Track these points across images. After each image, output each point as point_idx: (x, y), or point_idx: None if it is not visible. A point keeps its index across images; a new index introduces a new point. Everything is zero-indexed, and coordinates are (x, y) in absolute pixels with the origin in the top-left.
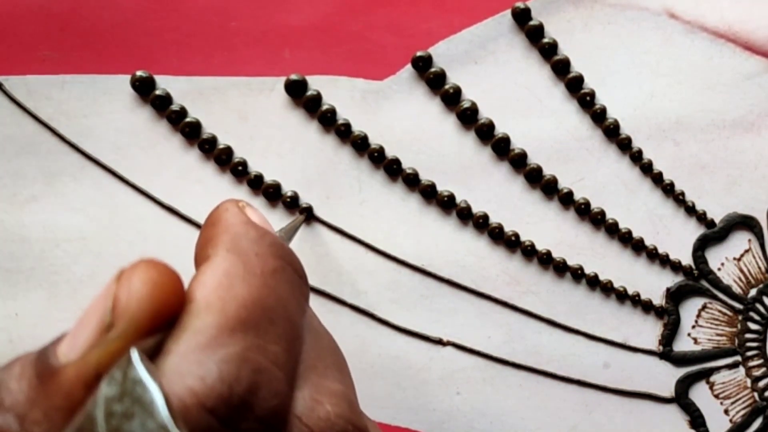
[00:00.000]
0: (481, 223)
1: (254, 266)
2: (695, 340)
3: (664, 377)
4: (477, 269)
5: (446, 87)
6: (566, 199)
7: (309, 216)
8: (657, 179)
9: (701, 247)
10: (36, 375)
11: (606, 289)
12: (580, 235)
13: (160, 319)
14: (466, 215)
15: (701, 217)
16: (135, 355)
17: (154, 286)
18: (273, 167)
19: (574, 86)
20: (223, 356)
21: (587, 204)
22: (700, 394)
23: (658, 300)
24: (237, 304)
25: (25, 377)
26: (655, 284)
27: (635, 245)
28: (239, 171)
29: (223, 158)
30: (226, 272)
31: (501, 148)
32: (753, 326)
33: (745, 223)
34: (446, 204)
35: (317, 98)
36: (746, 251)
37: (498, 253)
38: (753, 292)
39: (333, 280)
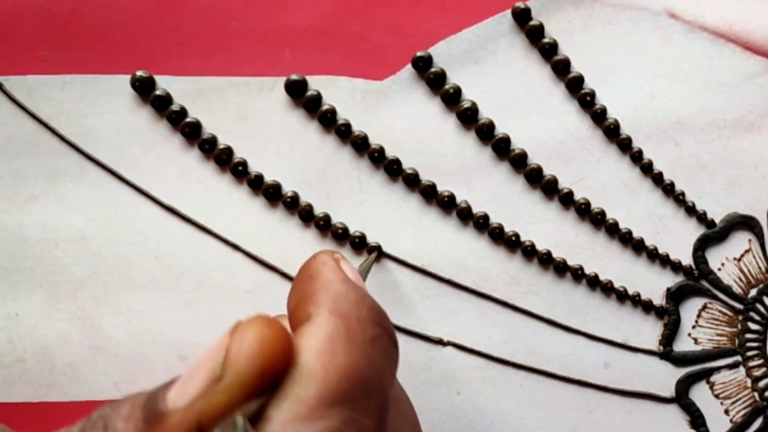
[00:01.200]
0: (481, 223)
1: (356, 333)
2: (695, 340)
3: (665, 377)
4: (477, 269)
5: (446, 87)
6: (566, 199)
7: (379, 254)
8: (657, 179)
9: (701, 247)
10: (143, 418)
11: (606, 289)
12: (580, 235)
13: (267, 378)
14: (466, 215)
15: (701, 217)
16: (240, 421)
17: (266, 344)
18: (273, 167)
19: (575, 86)
20: (321, 430)
21: (587, 204)
22: (700, 394)
23: (659, 300)
24: (338, 375)
25: (133, 419)
26: (655, 284)
27: (635, 245)
28: (239, 171)
29: (223, 158)
30: (329, 337)
31: (501, 148)
32: (753, 326)
33: (745, 223)
34: (446, 204)
35: (317, 98)
36: (746, 251)
37: (498, 253)
38: (753, 292)
39: None
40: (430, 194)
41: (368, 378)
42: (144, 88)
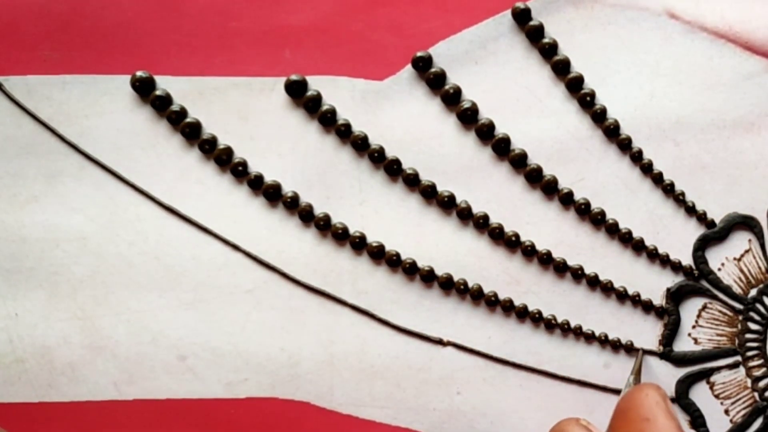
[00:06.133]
0: (481, 224)
1: None
2: (695, 340)
3: (665, 377)
4: (477, 269)
5: (446, 87)
6: (566, 200)
7: (644, 352)
8: (657, 179)
9: (701, 247)
10: None
11: (606, 289)
12: (580, 235)
13: None
14: (466, 215)
15: (701, 217)
16: None
17: None
18: (273, 167)
19: (574, 86)
20: None
21: (587, 204)
22: (700, 394)
23: (659, 300)
24: None
25: None
26: (655, 284)
27: (635, 245)
28: (239, 171)
29: (223, 158)
30: None
31: (501, 148)
32: (753, 326)
33: (745, 223)
34: (446, 204)
35: (317, 98)
36: (746, 251)
37: (498, 253)
38: (753, 292)
39: (333, 280)
40: (430, 194)
41: None
42: (144, 88)
